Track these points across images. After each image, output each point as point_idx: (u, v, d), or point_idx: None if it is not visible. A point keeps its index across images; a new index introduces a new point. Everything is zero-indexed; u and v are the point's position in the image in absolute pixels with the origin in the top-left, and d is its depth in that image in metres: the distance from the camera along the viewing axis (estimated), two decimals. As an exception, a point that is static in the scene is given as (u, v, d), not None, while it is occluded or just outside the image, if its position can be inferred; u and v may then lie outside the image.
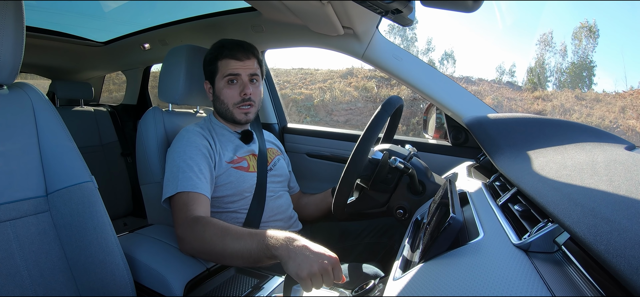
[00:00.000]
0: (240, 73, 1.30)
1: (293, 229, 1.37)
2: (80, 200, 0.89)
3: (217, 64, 1.31)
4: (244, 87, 1.30)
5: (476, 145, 1.47)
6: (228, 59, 1.29)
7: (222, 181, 1.24)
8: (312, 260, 0.79)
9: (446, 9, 0.73)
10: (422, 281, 0.56)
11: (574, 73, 14.36)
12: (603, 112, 9.50)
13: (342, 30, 1.44)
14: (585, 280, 0.44)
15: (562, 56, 14.81)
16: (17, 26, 0.84)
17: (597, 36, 14.30)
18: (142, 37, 2.31)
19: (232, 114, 1.32)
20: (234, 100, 1.31)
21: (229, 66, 1.29)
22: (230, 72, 1.29)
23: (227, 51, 1.30)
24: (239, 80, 1.30)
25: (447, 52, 13.60)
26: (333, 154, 1.85)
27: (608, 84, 13.58)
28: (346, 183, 1.02)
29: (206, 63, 1.34)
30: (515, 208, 0.70)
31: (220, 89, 1.31)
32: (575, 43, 14.73)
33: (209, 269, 1.02)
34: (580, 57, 14.66)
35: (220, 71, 1.30)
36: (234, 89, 1.30)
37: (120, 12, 2.27)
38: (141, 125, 1.34)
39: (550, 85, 14.16)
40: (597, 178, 0.62)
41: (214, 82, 1.33)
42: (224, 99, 1.31)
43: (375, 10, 0.85)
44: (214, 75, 1.32)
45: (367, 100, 9.80)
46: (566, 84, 14.09)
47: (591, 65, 14.35)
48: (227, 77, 1.29)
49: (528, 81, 14.27)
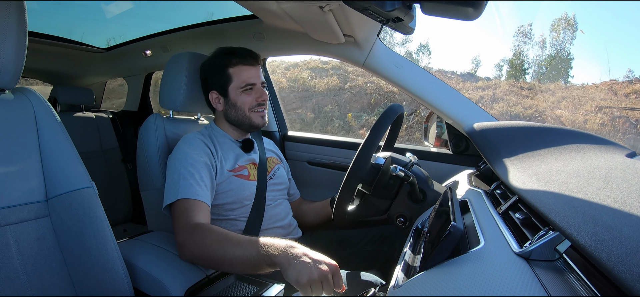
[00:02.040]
0: (256, 82, 1.32)
1: (292, 237, 1.37)
2: (80, 205, 0.89)
3: (228, 72, 1.31)
4: (261, 94, 1.33)
5: (477, 153, 1.47)
6: (241, 65, 1.31)
7: (222, 189, 1.24)
8: (312, 267, 0.79)
9: (447, 17, 0.73)
10: (423, 289, 0.56)
11: (550, 65, 14.50)
12: (537, 102, 9.58)
13: (343, 38, 1.44)
14: (587, 288, 0.44)
15: (541, 48, 14.99)
16: (19, 31, 0.84)
17: (575, 29, 14.45)
18: (143, 43, 2.32)
19: (250, 118, 1.33)
20: (251, 105, 1.32)
21: (243, 74, 1.31)
22: (248, 82, 1.30)
23: (239, 58, 1.31)
24: (254, 88, 1.32)
25: (422, 44, 13.75)
26: (333, 162, 1.85)
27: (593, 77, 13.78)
28: (347, 189, 1.02)
29: (213, 73, 1.33)
30: (516, 216, 0.70)
31: (236, 96, 1.31)
32: (554, 35, 14.92)
33: (208, 276, 1.01)
34: (557, 50, 14.85)
35: (234, 80, 1.31)
36: (250, 95, 1.32)
37: (122, 18, 2.29)
38: (142, 131, 1.34)
39: (528, 78, 14.30)
40: (598, 186, 0.62)
41: (226, 92, 1.32)
42: (241, 105, 1.32)
43: (376, 18, 0.85)
44: (227, 85, 1.31)
45: (291, 90, 9.87)
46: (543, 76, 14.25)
47: (569, 57, 14.50)
48: (245, 86, 1.30)
49: (507, 74, 14.39)
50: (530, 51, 15.26)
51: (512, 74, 14.08)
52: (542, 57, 14.57)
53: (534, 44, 14.89)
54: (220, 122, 1.40)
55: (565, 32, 14.48)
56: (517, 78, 13.41)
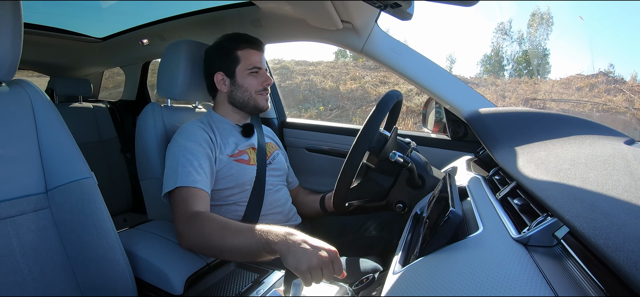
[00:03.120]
0: (261, 67, 1.37)
1: (292, 223, 1.38)
2: (80, 196, 0.89)
3: (237, 54, 1.35)
4: (266, 79, 1.38)
5: (475, 139, 1.48)
6: (250, 49, 1.36)
7: (223, 174, 1.24)
8: (312, 254, 0.80)
9: (445, 3, 0.72)
10: (422, 275, 0.56)
11: (526, 61, 14.77)
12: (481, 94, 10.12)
13: (341, 25, 1.43)
14: (585, 274, 0.45)
15: (519, 44, 15.37)
16: (15, 23, 0.84)
17: (551, 24, 14.80)
18: (140, 32, 2.29)
19: (256, 100, 1.37)
20: (257, 88, 1.36)
21: (251, 57, 1.35)
22: (255, 65, 1.35)
23: (247, 43, 1.36)
24: (260, 72, 1.37)
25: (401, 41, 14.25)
26: (332, 148, 1.85)
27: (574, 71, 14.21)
28: (350, 167, 1.02)
29: (220, 55, 1.36)
30: (515, 202, 0.70)
31: (243, 78, 1.35)
32: (530, 31, 15.18)
33: (209, 264, 1.02)
34: (532, 45, 15.07)
35: (242, 62, 1.35)
36: (256, 78, 1.36)
37: (118, 7, 2.26)
38: (140, 121, 1.34)
39: (506, 74, 14.53)
40: (597, 172, 0.62)
41: (233, 73, 1.35)
42: (248, 87, 1.35)
43: (374, 4, 0.84)
44: (235, 66, 1.35)
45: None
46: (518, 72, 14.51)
47: (545, 53, 14.93)
48: (252, 68, 1.35)
49: (484, 70, 14.57)
50: (508, 48, 15.57)
51: (490, 70, 14.28)
52: (518, 53, 14.91)
53: (513, 41, 15.24)
54: (221, 107, 1.40)
55: (541, 28, 14.78)
56: (497, 74, 13.57)
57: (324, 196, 1.47)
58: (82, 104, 2.59)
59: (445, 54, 15.87)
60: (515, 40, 15.27)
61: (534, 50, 14.71)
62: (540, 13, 14.51)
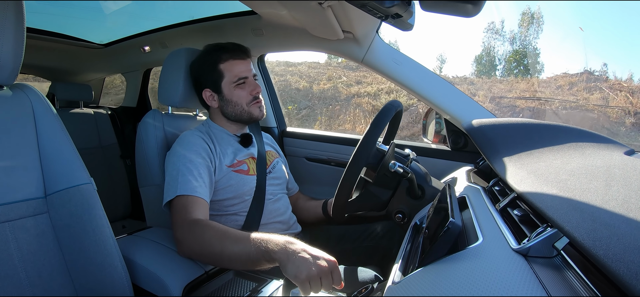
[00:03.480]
0: (248, 76, 1.33)
1: (292, 232, 1.37)
2: (79, 202, 0.89)
3: (220, 68, 1.31)
4: (254, 87, 1.34)
5: (475, 150, 1.48)
6: (232, 60, 1.32)
7: (222, 185, 1.24)
8: (311, 263, 0.79)
9: (446, 13, 0.73)
10: (421, 285, 0.56)
11: (515, 60, 14.94)
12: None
13: (342, 35, 1.44)
14: (585, 285, 0.44)
15: (511, 44, 15.49)
16: (17, 27, 0.84)
17: (542, 23, 14.83)
18: (142, 39, 2.31)
19: (249, 112, 1.34)
20: (247, 99, 1.33)
21: (235, 69, 1.31)
22: (240, 76, 1.31)
23: (228, 54, 1.32)
24: (247, 82, 1.33)
25: (391, 42, 14.26)
26: (332, 158, 1.85)
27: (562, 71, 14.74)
28: (349, 178, 1.02)
29: (204, 71, 1.33)
30: (515, 213, 0.70)
31: (230, 92, 1.32)
32: (521, 31, 15.32)
33: (207, 272, 1.02)
34: (522, 45, 15.36)
35: (227, 76, 1.31)
36: (245, 89, 1.33)
37: (121, 14, 2.28)
38: (141, 127, 1.34)
39: (498, 73, 14.80)
40: (596, 183, 0.62)
41: (219, 88, 1.33)
42: (238, 100, 1.33)
43: (375, 14, 0.85)
44: (220, 81, 1.32)
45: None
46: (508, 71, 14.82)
47: (536, 52, 14.96)
48: (237, 81, 1.31)
49: (476, 70, 14.83)
50: (500, 47, 15.68)
51: (482, 71, 14.47)
52: (509, 52, 15.16)
53: (505, 40, 15.52)
54: (216, 118, 1.40)
55: (531, 28, 15.04)
56: (489, 75, 13.78)
57: (326, 201, 1.47)
58: (83, 109, 2.59)
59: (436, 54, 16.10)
60: (507, 39, 15.57)
61: (524, 49, 15.02)
62: (531, 12, 14.77)
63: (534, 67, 14.43)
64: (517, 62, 14.75)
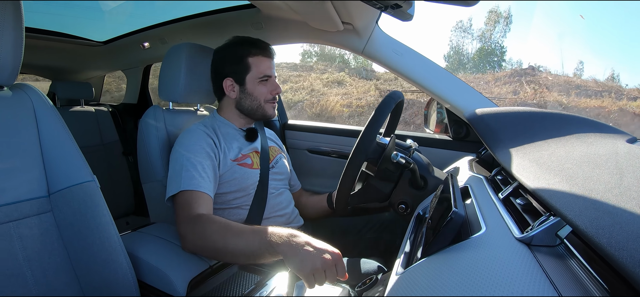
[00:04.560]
0: (271, 74, 1.35)
1: (294, 225, 1.38)
2: (83, 200, 0.89)
3: (248, 61, 1.32)
4: (275, 87, 1.35)
5: (477, 140, 1.47)
6: (261, 56, 1.33)
7: (227, 178, 1.24)
8: (315, 256, 0.80)
9: (445, 3, 0.72)
10: (425, 276, 0.56)
11: (480, 57, 15.53)
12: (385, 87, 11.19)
13: (342, 26, 1.43)
14: (588, 273, 0.44)
15: (480, 42, 16.19)
16: (16, 27, 0.84)
17: (509, 22, 15.69)
18: (141, 36, 2.30)
19: (264, 109, 1.35)
20: (266, 97, 1.34)
21: (262, 65, 1.32)
22: (265, 73, 1.32)
23: (259, 50, 1.33)
24: (270, 80, 1.34)
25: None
26: (334, 150, 1.85)
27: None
28: (352, 168, 1.02)
29: (230, 61, 1.34)
30: (517, 202, 0.70)
31: (253, 86, 1.33)
32: (489, 29, 15.94)
33: (211, 267, 1.02)
34: (487, 42, 15.98)
35: (253, 69, 1.32)
36: (266, 86, 1.34)
37: (119, 11, 2.27)
38: (142, 124, 1.34)
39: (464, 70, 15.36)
40: (599, 171, 0.62)
41: (243, 80, 1.33)
42: (258, 95, 1.33)
43: (374, 5, 0.84)
44: (245, 73, 1.32)
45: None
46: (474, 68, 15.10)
47: (503, 50, 15.77)
48: (262, 77, 1.32)
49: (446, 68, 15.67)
50: (469, 45, 16.46)
51: (449, 68, 14.82)
52: (474, 50, 15.80)
53: (473, 38, 16.23)
54: (226, 110, 1.39)
55: (498, 25, 15.46)
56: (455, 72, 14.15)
57: (330, 194, 1.47)
58: (84, 107, 2.59)
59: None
60: (475, 37, 16.22)
61: (487, 47, 15.33)
62: (499, 11, 15.06)
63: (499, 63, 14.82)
64: (480, 59, 15.12)
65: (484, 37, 15.89)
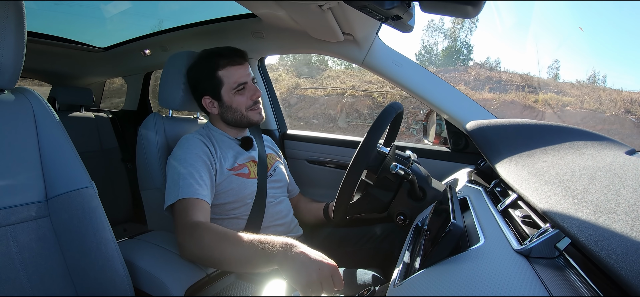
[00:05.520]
0: (247, 80, 1.31)
1: (293, 234, 1.37)
2: (80, 205, 0.89)
3: (218, 75, 1.30)
4: (254, 92, 1.33)
5: (476, 151, 1.47)
6: (229, 66, 1.30)
7: (223, 188, 1.24)
8: (311, 268, 0.79)
9: (446, 14, 0.73)
10: (423, 287, 0.56)
11: (448, 55, 16.47)
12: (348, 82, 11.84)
13: (342, 37, 1.44)
14: (587, 285, 0.44)
15: (451, 41, 17.01)
16: (18, 31, 0.84)
17: (477, 21, 16.57)
18: (142, 43, 2.31)
19: (248, 117, 1.34)
20: (247, 104, 1.32)
21: (233, 75, 1.30)
22: (239, 82, 1.30)
23: (226, 60, 1.30)
24: (246, 87, 1.32)
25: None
26: (333, 160, 1.85)
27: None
28: (350, 181, 1.02)
29: (202, 78, 1.32)
30: (516, 214, 0.70)
31: (230, 99, 1.31)
32: (458, 28, 16.77)
33: (209, 275, 1.01)
34: (453, 41, 16.91)
35: (226, 83, 1.30)
36: (244, 94, 1.32)
37: (121, 18, 2.28)
38: (142, 131, 1.34)
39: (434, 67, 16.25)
40: (598, 183, 0.62)
41: (219, 95, 1.31)
42: (237, 106, 1.32)
43: (375, 16, 0.85)
44: (219, 88, 1.30)
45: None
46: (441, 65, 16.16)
47: (470, 48, 16.86)
48: (237, 87, 1.30)
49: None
50: (440, 44, 17.39)
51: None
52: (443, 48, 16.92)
53: (445, 37, 17.13)
54: (216, 123, 1.39)
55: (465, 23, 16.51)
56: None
57: (327, 204, 1.47)
58: (84, 113, 2.59)
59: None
60: (447, 37, 17.09)
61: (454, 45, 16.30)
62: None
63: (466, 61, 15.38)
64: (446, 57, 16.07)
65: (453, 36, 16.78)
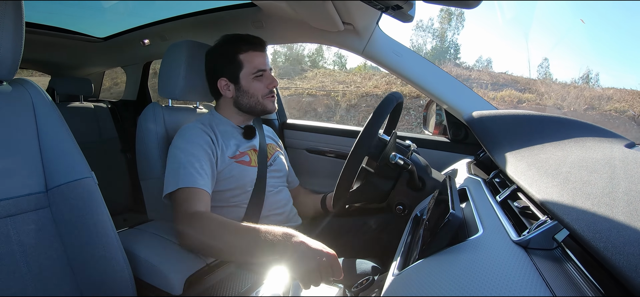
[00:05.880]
0: (266, 68, 1.34)
1: (292, 224, 1.38)
2: (80, 196, 0.89)
3: (239, 58, 1.31)
4: (271, 81, 1.35)
5: (476, 142, 1.47)
6: (252, 51, 1.32)
7: (224, 176, 1.24)
8: (310, 257, 0.80)
9: (447, 5, 0.72)
10: (421, 277, 0.56)
11: (435, 54, 16.78)
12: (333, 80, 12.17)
13: (342, 26, 1.43)
14: (584, 277, 0.44)
15: (440, 41, 17.29)
16: (16, 22, 0.84)
17: (463, 20, 16.79)
18: (142, 32, 2.30)
19: (263, 105, 1.35)
20: (263, 92, 1.34)
21: (255, 60, 1.32)
22: (259, 68, 1.32)
23: (249, 45, 1.32)
24: (265, 74, 1.34)
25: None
26: (333, 150, 1.85)
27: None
28: (350, 167, 1.02)
29: (222, 60, 1.33)
30: (515, 205, 0.70)
31: (248, 83, 1.33)
32: (445, 27, 17.06)
33: (208, 265, 1.02)
34: (441, 40, 17.26)
35: (246, 67, 1.32)
36: (262, 82, 1.34)
37: (120, 7, 2.27)
38: (141, 121, 1.34)
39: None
40: (597, 175, 0.62)
41: (237, 79, 1.33)
42: (254, 92, 1.33)
43: (375, 6, 0.84)
44: (238, 71, 1.32)
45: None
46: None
47: (457, 46, 17.12)
48: (256, 72, 1.32)
49: None
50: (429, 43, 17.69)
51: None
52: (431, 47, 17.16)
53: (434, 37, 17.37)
54: (224, 109, 1.39)
55: (451, 23, 16.77)
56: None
57: (325, 195, 1.47)
58: (83, 103, 2.59)
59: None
60: (436, 37, 17.34)
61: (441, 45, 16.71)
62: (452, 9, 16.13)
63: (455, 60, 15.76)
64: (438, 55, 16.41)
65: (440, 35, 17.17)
